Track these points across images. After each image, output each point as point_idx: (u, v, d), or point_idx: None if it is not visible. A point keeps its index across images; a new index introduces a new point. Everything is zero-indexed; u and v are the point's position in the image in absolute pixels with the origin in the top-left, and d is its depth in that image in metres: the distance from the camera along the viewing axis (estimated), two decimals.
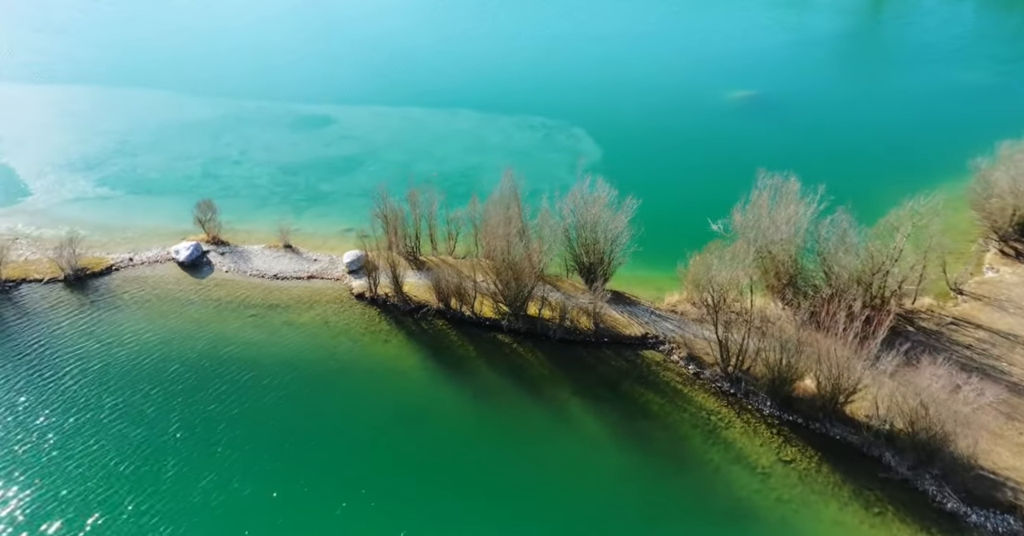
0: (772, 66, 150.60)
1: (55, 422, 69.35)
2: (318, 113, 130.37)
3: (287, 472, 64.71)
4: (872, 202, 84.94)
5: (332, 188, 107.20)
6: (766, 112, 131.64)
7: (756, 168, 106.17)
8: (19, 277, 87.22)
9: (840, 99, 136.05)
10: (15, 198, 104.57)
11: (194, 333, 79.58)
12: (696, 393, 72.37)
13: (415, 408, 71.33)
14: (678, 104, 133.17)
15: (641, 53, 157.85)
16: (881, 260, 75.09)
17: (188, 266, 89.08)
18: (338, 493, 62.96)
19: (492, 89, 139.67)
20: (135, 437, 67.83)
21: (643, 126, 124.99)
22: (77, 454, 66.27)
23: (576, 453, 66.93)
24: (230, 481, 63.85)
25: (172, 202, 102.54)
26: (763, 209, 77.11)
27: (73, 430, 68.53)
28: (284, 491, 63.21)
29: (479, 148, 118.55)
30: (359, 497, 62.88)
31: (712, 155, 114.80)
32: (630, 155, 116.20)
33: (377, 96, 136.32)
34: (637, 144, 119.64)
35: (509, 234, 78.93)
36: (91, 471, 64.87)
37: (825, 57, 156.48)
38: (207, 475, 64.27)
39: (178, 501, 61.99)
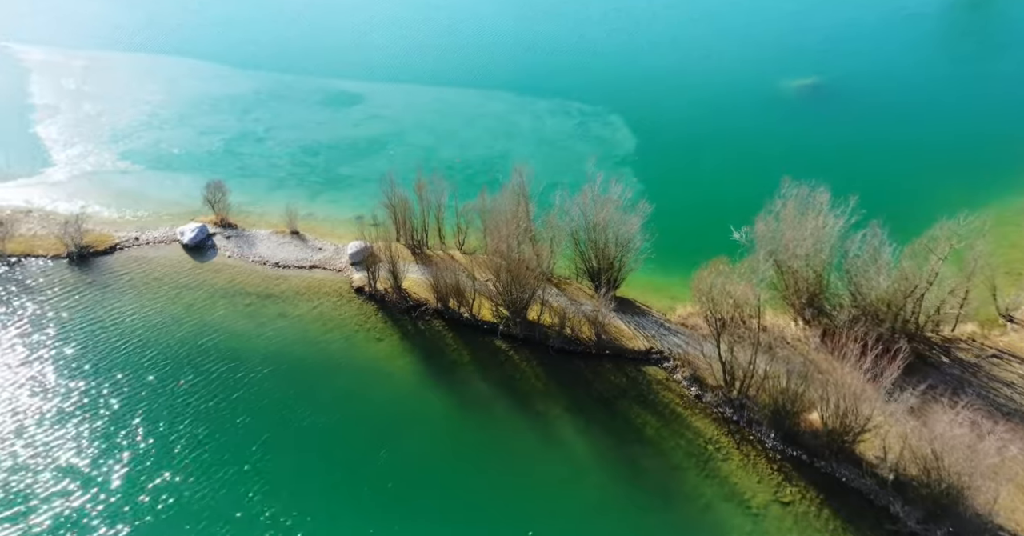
0: (841, 49, 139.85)
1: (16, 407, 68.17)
2: (351, 90, 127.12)
3: (243, 477, 62.00)
4: (930, 208, 77.95)
5: (351, 171, 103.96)
6: (828, 103, 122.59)
7: (807, 166, 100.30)
8: (24, 252, 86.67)
9: (918, 88, 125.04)
10: (37, 168, 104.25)
11: (182, 319, 77.62)
12: (696, 418, 67.24)
13: (396, 416, 67.91)
14: (728, 93, 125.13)
15: (694, 34, 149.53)
16: (914, 283, 68.11)
17: (192, 248, 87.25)
18: (290, 504, 59.88)
19: (531, 70, 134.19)
20: (95, 430, 66.05)
21: (686, 116, 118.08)
22: (37, 444, 64.82)
23: (558, 478, 62.59)
24: (183, 483, 61.44)
25: (189, 180, 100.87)
26: (788, 220, 70.84)
27: (35, 420, 67.04)
28: (234, 497, 60.40)
29: (508, 134, 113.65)
30: (312, 509, 59.73)
31: (759, 152, 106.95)
32: (667, 148, 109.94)
33: (413, 74, 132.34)
34: (676, 136, 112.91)
35: (511, 235, 74.45)
36: (42, 464, 63.20)
37: (908, 37, 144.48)
38: (160, 474, 62.02)
39: (125, 502, 59.89)
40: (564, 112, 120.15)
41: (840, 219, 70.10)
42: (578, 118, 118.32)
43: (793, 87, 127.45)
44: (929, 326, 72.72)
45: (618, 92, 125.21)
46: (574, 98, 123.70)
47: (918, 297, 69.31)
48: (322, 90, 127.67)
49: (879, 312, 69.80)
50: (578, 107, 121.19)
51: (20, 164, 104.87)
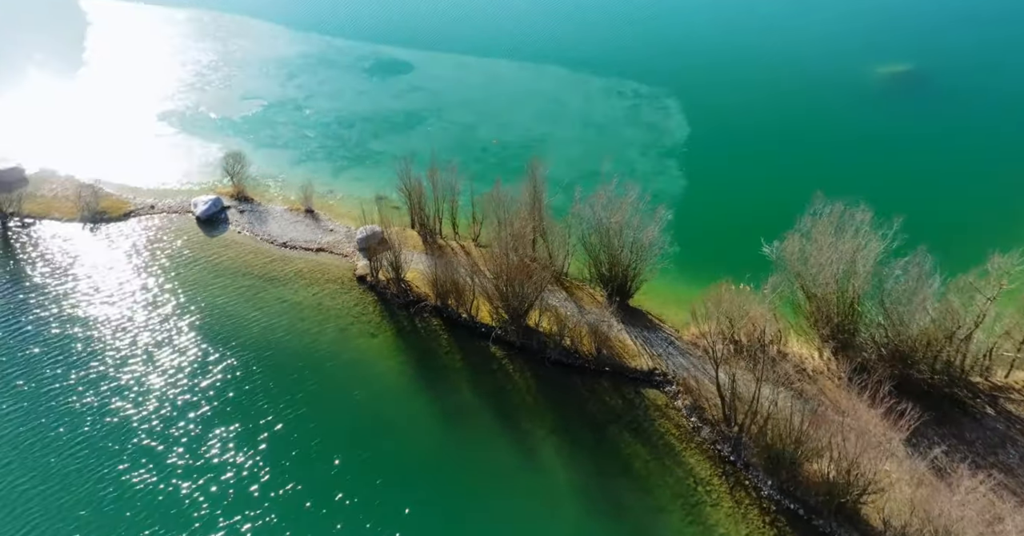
0: (948, 32, 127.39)
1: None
2: (401, 58, 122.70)
3: (193, 470, 59.52)
4: (993, 238, 68.74)
5: (382, 148, 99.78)
6: (919, 96, 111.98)
7: (873, 171, 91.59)
8: (42, 213, 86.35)
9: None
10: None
11: (174, 297, 75.63)
12: (690, 453, 61.27)
13: (373, 420, 64.19)
14: (804, 78, 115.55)
15: (775, 8, 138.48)
16: (958, 322, 59.80)
17: (204, 221, 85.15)
18: (234, 505, 57.11)
19: (591, 44, 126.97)
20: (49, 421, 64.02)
21: (750, 104, 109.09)
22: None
23: (530, 510, 57.67)
24: (128, 471, 59.31)
25: (218, 148, 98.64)
26: (817, 240, 63.22)
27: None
28: (175, 489, 58.28)
29: (553, 115, 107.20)
30: (250, 507, 56.89)
31: (826, 149, 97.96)
32: (721, 140, 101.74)
33: (468, 44, 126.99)
34: (735, 127, 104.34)
35: (516, 235, 69.16)
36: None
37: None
38: (108, 464, 59.93)
39: (69, 493, 58.00)
40: (618, 92, 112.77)
41: (878, 242, 61.80)
42: (631, 100, 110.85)
43: (882, 74, 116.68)
44: (977, 370, 64.27)
45: (680, 73, 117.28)
46: (631, 77, 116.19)
47: (963, 337, 60.97)
48: (372, 57, 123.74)
49: (915, 351, 61.84)
50: (634, 88, 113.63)
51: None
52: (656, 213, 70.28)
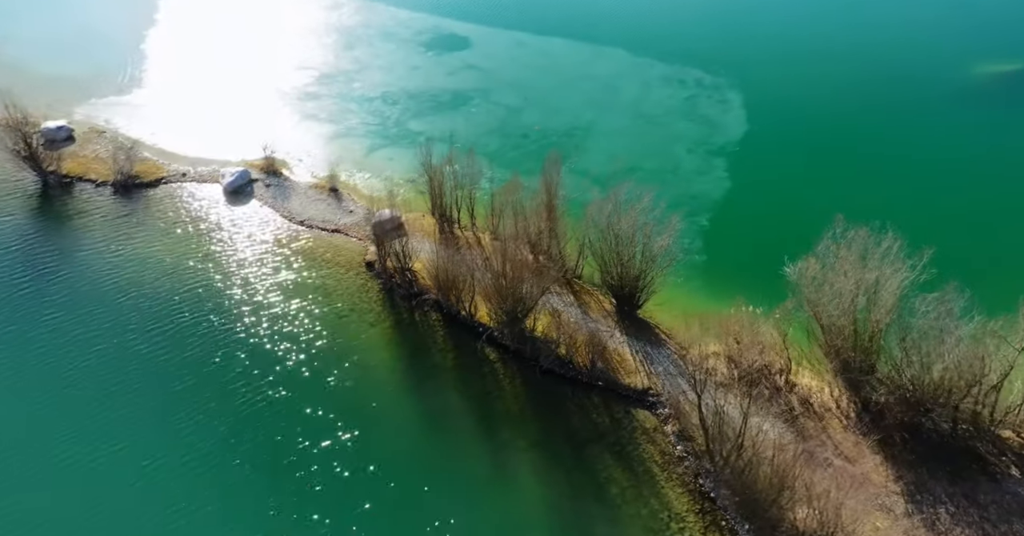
0: None
1: None
2: (460, 33, 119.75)
3: (152, 443, 59.43)
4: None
5: (421, 128, 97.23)
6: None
7: (966, 183, 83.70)
8: (78, 174, 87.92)
9: None
10: (128, 88, 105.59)
11: (177, 269, 75.57)
12: (670, 484, 57.39)
13: (354, 413, 62.30)
14: (892, 77, 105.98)
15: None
16: (982, 371, 53.67)
17: (229, 192, 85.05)
18: (188, 486, 56.76)
19: (658, 27, 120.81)
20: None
21: (823, 103, 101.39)
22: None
23: (493, 526, 55.07)
24: (96, 437, 59.80)
25: (262, 118, 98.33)
26: (837, 267, 57.75)
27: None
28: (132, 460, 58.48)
29: (603, 103, 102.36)
30: (202, 495, 56.18)
31: (898, 162, 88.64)
32: (781, 141, 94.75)
33: (530, 21, 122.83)
34: (800, 127, 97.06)
35: (513, 235, 66.07)
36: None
37: None
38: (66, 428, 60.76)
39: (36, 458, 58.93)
40: (678, 81, 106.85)
41: (903, 274, 55.82)
42: (691, 90, 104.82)
43: (987, 74, 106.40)
44: (1010, 423, 57.82)
45: (750, 62, 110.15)
46: (695, 65, 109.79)
47: (988, 388, 54.80)
48: (433, 30, 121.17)
49: (935, 397, 56.02)
50: (696, 77, 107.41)
51: (115, 81, 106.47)
52: (670, 221, 65.55)
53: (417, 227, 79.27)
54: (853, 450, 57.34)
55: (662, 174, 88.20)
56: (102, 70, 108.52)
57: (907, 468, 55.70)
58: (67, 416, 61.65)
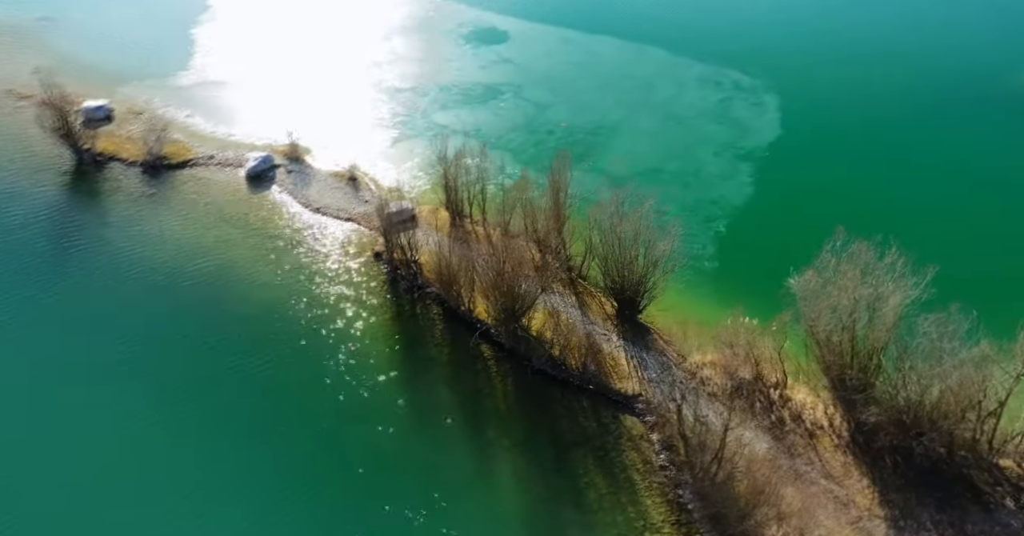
0: None
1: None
2: (501, 27, 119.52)
3: (138, 407, 61.50)
4: None
5: (447, 121, 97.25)
6: None
7: (999, 198, 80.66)
8: (111, 152, 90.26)
9: None
10: (172, 70, 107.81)
11: (189, 248, 77.20)
12: (649, 493, 56.43)
13: (342, 404, 62.89)
14: (935, 84, 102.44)
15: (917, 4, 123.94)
16: (979, 396, 51.42)
17: (251, 177, 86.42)
18: (168, 447, 58.49)
19: (702, 28, 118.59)
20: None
21: (861, 111, 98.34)
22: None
23: (468, 525, 54.59)
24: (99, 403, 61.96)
25: (289, 105, 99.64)
26: (841, 280, 55.86)
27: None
28: (138, 427, 60.26)
29: (637, 102, 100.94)
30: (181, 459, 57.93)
31: (939, 173, 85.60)
32: (813, 148, 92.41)
33: (572, 17, 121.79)
34: (835, 134, 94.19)
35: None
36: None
37: None
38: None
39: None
40: (714, 82, 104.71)
41: (903, 292, 53.69)
42: (727, 92, 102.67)
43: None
44: (1009, 452, 55.28)
45: (792, 65, 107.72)
46: (734, 66, 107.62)
47: (985, 414, 52.48)
48: (473, 23, 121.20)
49: (932, 420, 53.86)
50: (734, 78, 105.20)
51: (160, 64, 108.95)
52: (670, 227, 64.28)
53: (430, 220, 79.35)
54: (841, 470, 55.56)
55: (684, 177, 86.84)
56: (149, 53, 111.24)
57: (895, 492, 53.77)
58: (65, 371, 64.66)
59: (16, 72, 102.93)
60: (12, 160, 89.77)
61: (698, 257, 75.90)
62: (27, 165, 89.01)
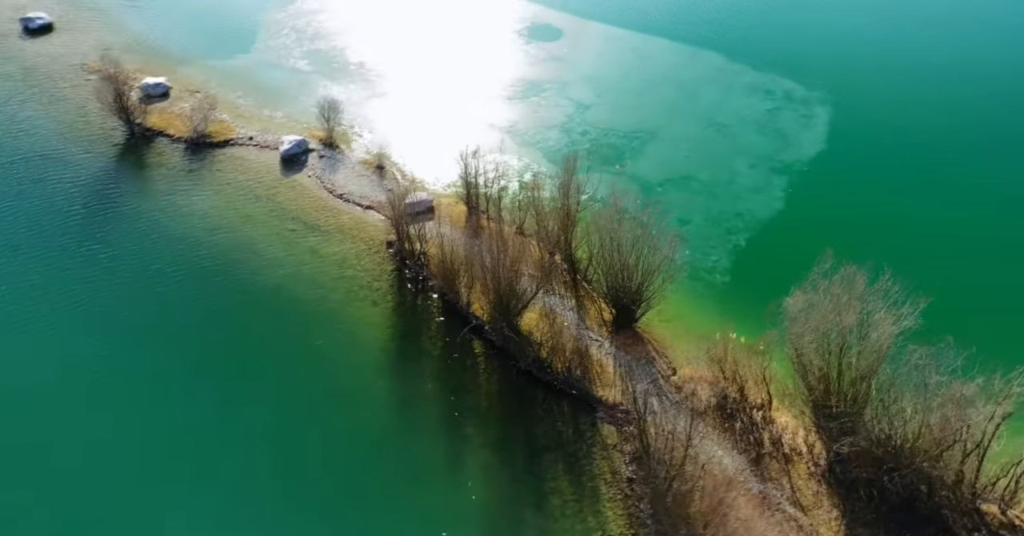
0: None
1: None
2: (556, 24, 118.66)
3: (131, 369, 65.03)
4: None
5: (483, 114, 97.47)
6: None
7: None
8: (160, 128, 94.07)
9: None
10: (233, 52, 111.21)
11: (216, 224, 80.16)
12: (611, 505, 55.80)
13: (328, 391, 64.24)
14: (993, 109, 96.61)
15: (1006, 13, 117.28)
16: (955, 435, 48.78)
17: (284, 160, 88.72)
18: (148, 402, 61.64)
19: (761, 34, 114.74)
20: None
21: (921, 127, 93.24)
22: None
23: (427, 519, 55.40)
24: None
25: (339, 91, 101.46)
26: (828, 304, 53.82)
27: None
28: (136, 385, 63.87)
29: (680, 107, 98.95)
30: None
31: (988, 216, 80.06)
32: (858, 165, 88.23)
33: (632, 17, 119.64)
34: (883, 153, 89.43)
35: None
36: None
37: None
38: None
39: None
40: (765, 91, 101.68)
41: (892, 321, 51.33)
42: (777, 102, 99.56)
43: None
44: (993, 497, 52.25)
45: (851, 81, 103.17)
46: (791, 76, 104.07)
47: (964, 454, 49.72)
48: (531, 19, 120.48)
49: (912, 456, 51.41)
50: (787, 88, 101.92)
51: (224, 47, 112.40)
52: (670, 237, 62.99)
53: (447, 213, 79.97)
54: (811, 499, 53.65)
55: (713, 186, 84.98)
56: (216, 36, 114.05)
57: (863, 527, 51.76)
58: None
59: (93, 48, 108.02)
60: (70, 128, 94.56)
61: (710, 270, 74.35)
62: (82, 134, 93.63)
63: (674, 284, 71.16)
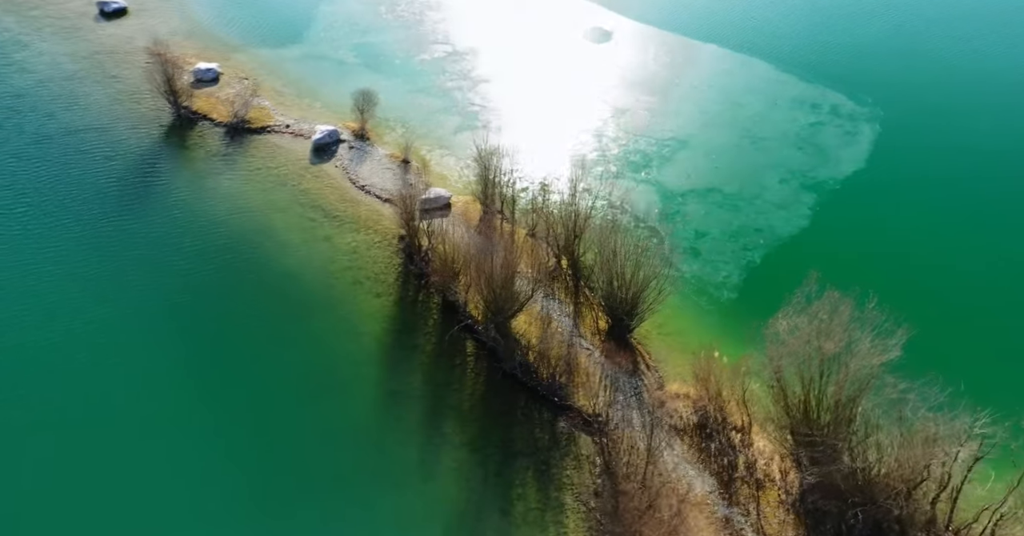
0: None
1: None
2: (606, 27, 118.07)
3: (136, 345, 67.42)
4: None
5: (520, 115, 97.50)
6: None
7: None
8: (204, 112, 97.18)
9: None
10: (285, 43, 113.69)
11: (240, 206, 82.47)
12: (574, 517, 55.20)
13: (316, 381, 65.29)
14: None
15: None
16: (924, 474, 46.59)
17: (316, 149, 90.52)
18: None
19: (818, 45, 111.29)
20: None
21: (969, 162, 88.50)
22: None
23: (391, 517, 55.88)
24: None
25: (375, 84, 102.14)
26: (798, 327, 52.06)
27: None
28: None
29: (718, 117, 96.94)
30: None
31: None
32: (895, 189, 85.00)
33: (684, 21, 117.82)
34: (924, 178, 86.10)
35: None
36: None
37: None
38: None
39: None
40: (811, 104, 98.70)
41: (872, 352, 49.28)
42: (821, 116, 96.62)
43: None
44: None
45: (906, 99, 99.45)
46: (841, 89, 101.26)
47: (937, 494, 47.41)
48: (588, 22, 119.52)
49: (873, 493, 49.34)
50: (835, 102, 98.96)
51: (278, 36, 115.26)
52: (662, 251, 61.83)
53: (463, 211, 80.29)
54: (776, 527, 52.05)
55: (737, 200, 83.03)
56: (273, 25, 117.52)
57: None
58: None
59: (159, 33, 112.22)
60: (122, 106, 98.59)
61: (719, 285, 72.68)
62: (132, 113, 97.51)
63: (678, 298, 70.48)
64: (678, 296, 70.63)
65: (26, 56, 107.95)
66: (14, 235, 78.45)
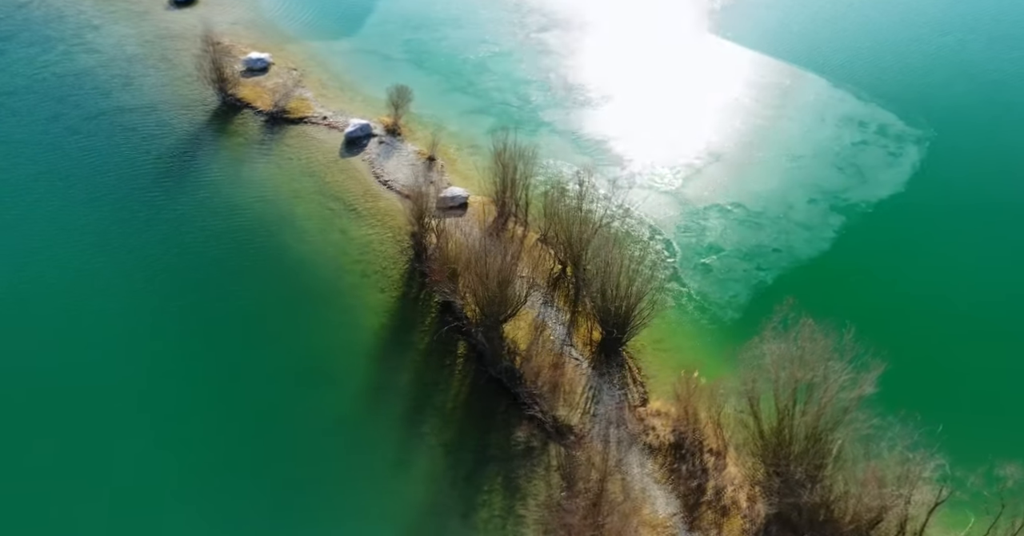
0: None
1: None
2: None
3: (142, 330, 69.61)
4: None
5: (549, 119, 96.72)
6: None
7: None
8: (248, 100, 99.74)
9: None
10: (335, 36, 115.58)
11: (266, 195, 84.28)
12: (535, 528, 54.82)
13: (303, 362, 66.93)
14: None
15: None
16: (878, 512, 44.49)
17: (348, 142, 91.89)
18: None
19: (879, 61, 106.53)
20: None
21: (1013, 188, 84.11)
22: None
23: (353, 514, 56.70)
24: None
25: (412, 81, 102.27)
26: (785, 357, 50.26)
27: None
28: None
29: (760, 131, 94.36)
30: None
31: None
32: (931, 218, 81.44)
33: (737, 28, 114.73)
34: (964, 210, 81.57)
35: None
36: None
37: None
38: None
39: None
40: (859, 123, 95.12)
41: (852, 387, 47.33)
42: (867, 135, 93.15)
43: None
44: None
45: (962, 123, 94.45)
46: (894, 109, 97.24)
47: (897, 534, 45.25)
48: None
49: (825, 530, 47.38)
50: (884, 122, 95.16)
51: (332, 29, 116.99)
52: (654, 268, 60.64)
53: (478, 211, 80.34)
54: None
55: (760, 217, 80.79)
56: (329, 16, 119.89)
57: None
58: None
59: (221, 23, 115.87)
60: (173, 90, 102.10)
61: (724, 305, 70.82)
62: (181, 97, 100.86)
63: (679, 314, 69.15)
64: (680, 312, 69.44)
65: (95, 37, 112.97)
66: (54, 205, 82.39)
